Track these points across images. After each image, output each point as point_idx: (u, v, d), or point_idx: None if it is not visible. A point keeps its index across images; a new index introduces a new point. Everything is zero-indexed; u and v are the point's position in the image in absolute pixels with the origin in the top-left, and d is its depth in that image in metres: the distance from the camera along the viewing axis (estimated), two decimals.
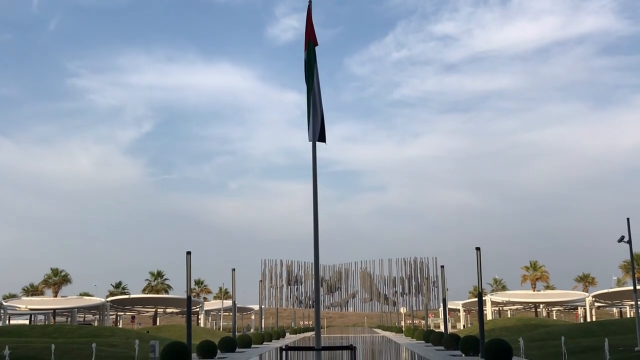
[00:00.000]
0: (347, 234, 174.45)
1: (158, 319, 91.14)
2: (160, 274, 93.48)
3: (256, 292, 60.98)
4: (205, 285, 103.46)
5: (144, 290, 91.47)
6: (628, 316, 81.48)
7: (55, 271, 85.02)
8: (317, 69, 15.56)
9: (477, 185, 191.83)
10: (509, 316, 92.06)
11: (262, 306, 62.33)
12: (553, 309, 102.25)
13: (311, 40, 15.54)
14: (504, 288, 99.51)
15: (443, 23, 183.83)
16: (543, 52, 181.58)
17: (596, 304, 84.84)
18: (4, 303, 71.14)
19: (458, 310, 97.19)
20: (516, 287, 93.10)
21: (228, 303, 75.26)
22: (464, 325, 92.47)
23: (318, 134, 15.34)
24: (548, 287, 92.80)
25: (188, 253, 26.26)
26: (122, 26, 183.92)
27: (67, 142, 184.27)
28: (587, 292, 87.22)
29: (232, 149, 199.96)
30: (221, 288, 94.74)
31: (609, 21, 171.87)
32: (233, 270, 41.18)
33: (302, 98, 16.17)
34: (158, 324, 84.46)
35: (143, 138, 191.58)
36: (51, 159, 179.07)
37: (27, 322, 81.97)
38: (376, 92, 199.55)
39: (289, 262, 62.81)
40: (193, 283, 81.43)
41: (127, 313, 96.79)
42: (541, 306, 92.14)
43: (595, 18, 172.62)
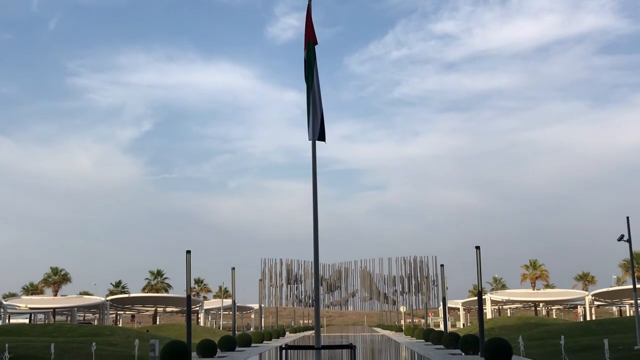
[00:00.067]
0: (347, 233, 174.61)
1: (158, 318, 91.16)
2: (160, 273, 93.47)
3: (256, 291, 61.13)
4: (205, 284, 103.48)
5: (144, 289, 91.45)
6: (628, 315, 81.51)
7: (55, 270, 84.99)
8: (317, 68, 15.54)
9: (477, 184, 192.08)
10: (509, 315, 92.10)
11: (262, 305, 62.40)
12: (553, 308, 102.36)
13: (311, 39, 15.53)
14: (504, 287, 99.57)
15: (443, 22, 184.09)
16: (543, 51, 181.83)
17: (596, 303, 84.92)
18: (4, 302, 71.16)
19: (458, 309, 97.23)
20: (516, 286, 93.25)
21: (228, 302, 75.33)
22: (464, 324, 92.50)
23: (318, 133, 15.33)
24: (548, 286, 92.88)
25: (188, 252, 26.27)
26: (122, 25, 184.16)
27: (67, 141, 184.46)
28: (587, 291, 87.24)
29: (232, 148, 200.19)
30: (221, 287, 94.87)
31: (609, 20, 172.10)
32: (233, 269, 41.25)
33: (302, 97, 16.13)
34: (158, 323, 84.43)
35: (143, 137, 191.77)
36: (51, 158, 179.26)
37: (27, 321, 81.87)
38: (376, 91, 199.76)
39: (289, 261, 62.89)
40: (193, 282, 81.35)
41: (127, 312, 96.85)
42: (541, 305, 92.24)
43: (595, 17, 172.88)
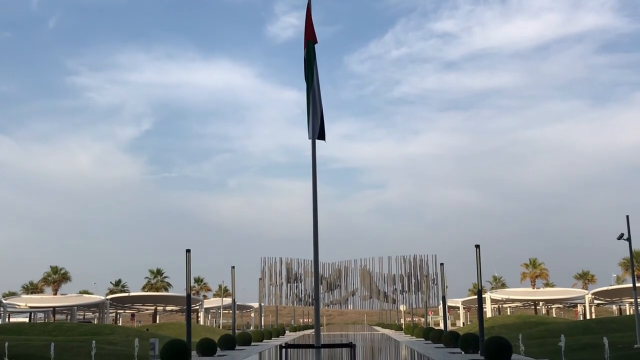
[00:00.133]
0: (347, 232, 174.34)
1: (158, 317, 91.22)
2: (159, 272, 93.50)
3: (256, 290, 61.14)
4: (205, 283, 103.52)
5: (144, 288, 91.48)
6: (627, 313, 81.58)
7: (54, 269, 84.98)
8: (317, 67, 15.52)
9: (477, 183, 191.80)
10: (509, 314, 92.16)
11: (262, 304, 62.42)
12: (552, 307, 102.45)
13: (311, 38, 15.51)
14: (504, 286, 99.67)
15: (443, 21, 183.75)
16: (542, 50, 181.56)
17: (595, 302, 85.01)
18: (4, 301, 71.25)
19: (458, 307, 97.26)
20: (516, 285, 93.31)
21: (228, 301, 75.35)
22: (464, 322, 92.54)
23: (318, 132, 15.29)
24: (547, 285, 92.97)
25: (188, 251, 26.27)
26: (122, 24, 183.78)
27: (67, 140, 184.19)
28: (587, 290, 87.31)
29: (232, 147, 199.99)
30: (221, 286, 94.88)
31: (609, 19, 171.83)
32: (233, 268, 41.24)
33: (302, 96, 16.07)
34: (158, 322, 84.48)
35: (142, 136, 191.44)
36: (50, 157, 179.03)
37: (27, 320, 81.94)
38: (376, 90, 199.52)
39: (289, 260, 62.92)
40: (193, 281, 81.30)
41: (127, 311, 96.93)
42: (541, 304, 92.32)
43: (594, 16, 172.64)
